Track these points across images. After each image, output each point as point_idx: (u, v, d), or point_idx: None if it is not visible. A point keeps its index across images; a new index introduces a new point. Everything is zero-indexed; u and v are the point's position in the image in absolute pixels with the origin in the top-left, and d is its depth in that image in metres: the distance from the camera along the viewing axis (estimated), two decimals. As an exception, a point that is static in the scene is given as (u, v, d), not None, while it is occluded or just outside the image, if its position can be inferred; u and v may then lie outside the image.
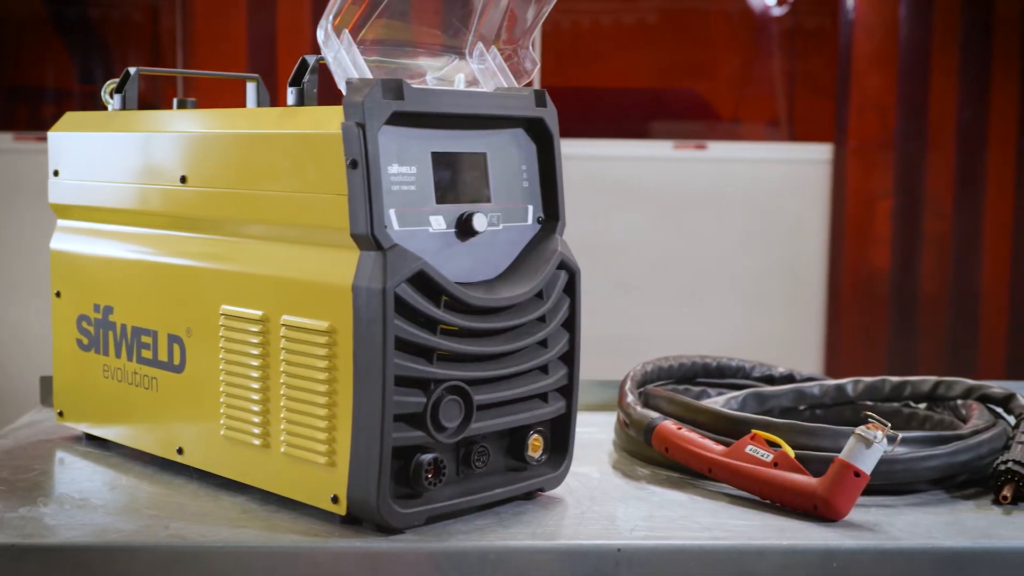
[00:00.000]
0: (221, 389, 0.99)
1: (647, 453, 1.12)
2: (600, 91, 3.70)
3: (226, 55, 3.37)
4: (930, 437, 1.05)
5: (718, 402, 1.26)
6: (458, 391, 0.91)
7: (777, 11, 4.08)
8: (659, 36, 3.74)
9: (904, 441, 1.04)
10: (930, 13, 3.45)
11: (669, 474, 1.09)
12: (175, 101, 1.15)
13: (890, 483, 1.02)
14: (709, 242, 3.49)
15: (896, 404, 1.28)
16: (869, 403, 1.29)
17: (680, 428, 1.07)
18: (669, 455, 1.07)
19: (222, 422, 0.99)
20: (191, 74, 1.25)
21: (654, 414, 1.10)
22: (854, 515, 0.96)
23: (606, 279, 3.44)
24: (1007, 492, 0.99)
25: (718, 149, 3.47)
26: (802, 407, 1.29)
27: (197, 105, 1.15)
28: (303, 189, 0.91)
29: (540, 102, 0.98)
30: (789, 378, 1.34)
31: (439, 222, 0.92)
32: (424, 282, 0.88)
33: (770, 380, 1.34)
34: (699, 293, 3.49)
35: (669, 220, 3.48)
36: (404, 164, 0.90)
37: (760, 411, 1.27)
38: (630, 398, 1.15)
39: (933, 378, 1.25)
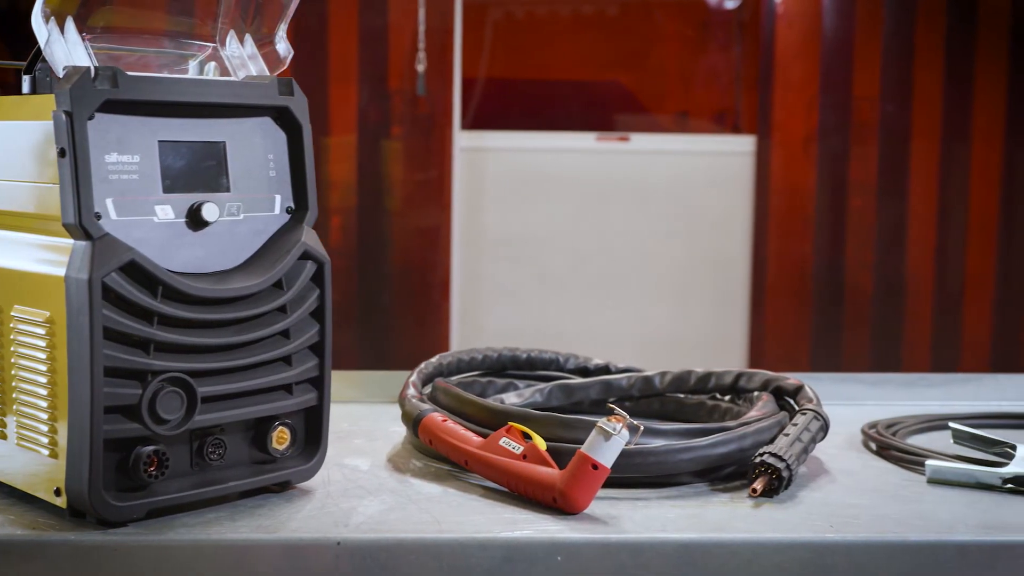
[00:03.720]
0: (-32, 381, 0.98)
1: (427, 447, 1.11)
2: (523, 82, 3.68)
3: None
4: (691, 429, 1.04)
5: (524, 395, 1.25)
6: (179, 383, 0.89)
7: (731, 3, 4.08)
8: (584, 28, 3.72)
9: (665, 433, 1.04)
10: (853, 4, 3.43)
11: (440, 467, 1.08)
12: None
13: (646, 476, 1.01)
14: (632, 235, 3.48)
15: (703, 396, 1.27)
16: (680, 395, 1.29)
17: (445, 420, 1.06)
18: (433, 447, 1.06)
19: (-31, 414, 0.98)
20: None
21: (425, 406, 1.09)
22: (598, 508, 0.95)
23: (528, 272, 3.43)
24: (757, 485, 0.98)
25: (641, 141, 3.46)
26: (611, 399, 1.28)
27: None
28: (28, 178, 0.90)
29: (286, 91, 0.97)
30: (604, 370, 1.33)
31: (166, 212, 0.91)
32: (138, 272, 0.87)
33: (584, 372, 1.33)
34: (622, 286, 3.48)
35: (592, 213, 3.46)
36: (125, 153, 0.89)
37: (567, 403, 1.26)
38: (410, 391, 1.14)
39: (735, 370, 1.24)
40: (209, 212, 0.92)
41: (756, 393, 1.20)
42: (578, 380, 1.28)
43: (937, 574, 0.89)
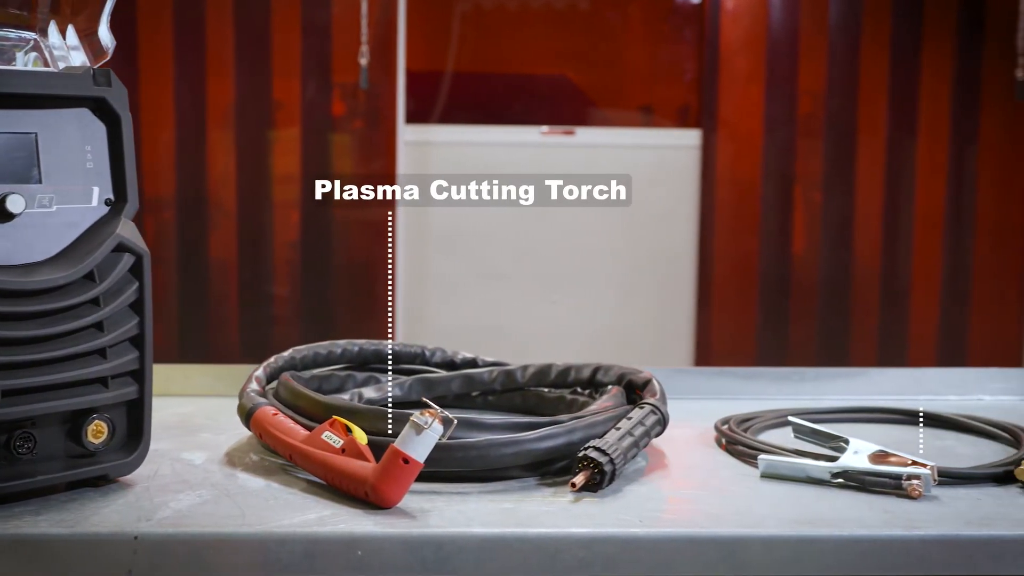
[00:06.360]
0: None
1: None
2: (469, 76, 3.67)
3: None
4: (521, 423, 1.04)
5: (383, 389, 1.25)
6: (-22, 376, 0.89)
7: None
8: (530, 21, 3.71)
9: (491, 427, 1.03)
10: (799, -1, 3.43)
11: (273, 461, 1.07)
12: None
13: (469, 470, 1.00)
14: (578, 229, 3.47)
15: (564, 390, 1.26)
16: (544, 389, 1.28)
17: (276, 414, 1.05)
18: (263, 441, 1.05)
19: None
20: None
21: (261, 400, 1.09)
22: (413, 502, 0.94)
23: (473, 266, 3.42)
24: (577, 479, 0.98)
25: (587, 135, 3.45)
26: (474, 393, 1.28)
27: None
28: None
29: (103, 81, 0.96)
30: (471, 363, 1.32)
31: (-30, 204, 0.90)
32: (-69, 265, 0.87)
33: (451, 366, 1.32)
34: (568, 281, 3.48)
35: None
36: (-76, 144, 0.88)
37: (429, 397, 1.25)
38: (251, 384, 1.13)
39: (593, 364, 1.24)
40: (14, 204, 0.91)
41: (609, 387, 1.20)
42: (440, 374, 1.27)
43: (741, 568, 0.88)
